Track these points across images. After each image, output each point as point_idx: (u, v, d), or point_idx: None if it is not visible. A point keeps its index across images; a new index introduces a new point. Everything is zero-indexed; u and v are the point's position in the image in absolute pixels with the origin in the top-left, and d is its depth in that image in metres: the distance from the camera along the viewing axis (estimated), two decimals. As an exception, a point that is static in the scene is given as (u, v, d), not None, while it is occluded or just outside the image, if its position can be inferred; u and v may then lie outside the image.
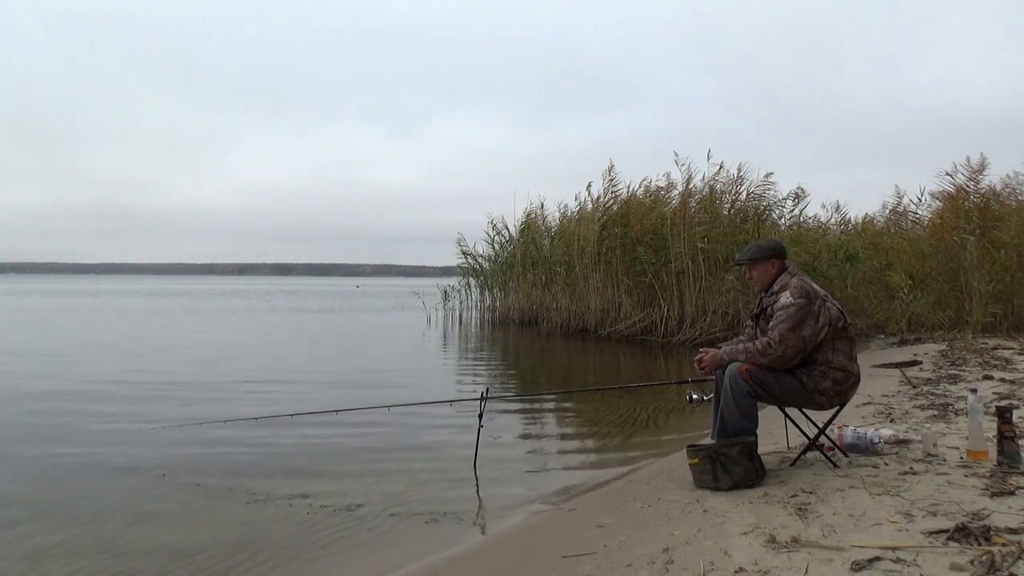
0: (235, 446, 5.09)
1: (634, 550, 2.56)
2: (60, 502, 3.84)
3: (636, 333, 14.33)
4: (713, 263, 14.01)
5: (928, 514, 2.54)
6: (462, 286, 21.17)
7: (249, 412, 5.84)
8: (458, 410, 5.61)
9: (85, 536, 3.33)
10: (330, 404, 6.03)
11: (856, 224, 16.82)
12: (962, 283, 12.67)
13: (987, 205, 13.09)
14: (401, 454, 4.96)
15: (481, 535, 3.45)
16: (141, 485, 4.15)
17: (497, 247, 19.95)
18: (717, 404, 3.41)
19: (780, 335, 3.25)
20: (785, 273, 3.53)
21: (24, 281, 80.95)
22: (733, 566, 2.20)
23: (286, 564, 3.04)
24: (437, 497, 3.94)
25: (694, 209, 14.39)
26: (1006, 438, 3.13)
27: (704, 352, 3.57)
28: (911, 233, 15.23)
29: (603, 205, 16.01)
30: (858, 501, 2.76)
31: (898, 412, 4.86)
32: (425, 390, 7.77)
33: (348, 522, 3.52)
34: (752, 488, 3.11)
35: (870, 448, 3.60)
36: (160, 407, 6.48)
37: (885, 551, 2.18)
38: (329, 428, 5.59)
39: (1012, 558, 2.01)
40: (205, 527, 3.46)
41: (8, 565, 3.00)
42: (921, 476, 3.09)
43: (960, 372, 6.86)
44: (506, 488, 4.18)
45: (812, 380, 3.31)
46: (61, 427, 5.75)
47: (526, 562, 2.87)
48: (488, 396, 4.61)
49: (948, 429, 4.14)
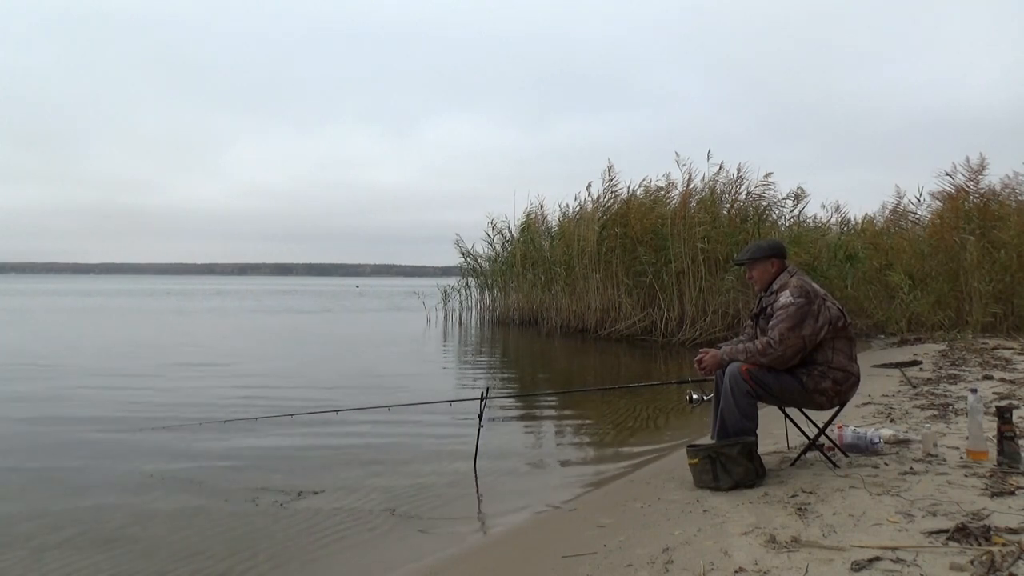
0: (235, 446, 5.09)
1: (634, 550, 2.56)
2: (60, 502, 3.84)
3: (636, 333, 14.33)
4: (713, 263, 14.01)
5: (928, 514, 2.53)
6: (462, 286, 21.18)
7: (249, 412, 5.84)
8: (458, 410, 5.61)
9: (85, 536, 3.33)
10: (330, 404, 6.03)
11: (855, 224, 16.84)
12: (962, 283, 12.68)
13: (987, 205, 13.10)
14: (401, 454, 4.96)
15: (481, 535, 3.45)
16: (141, 485, 4.15)
17: (498, 246, 19.99)
18: (717, 404, 3.41)
19: (780, 335, 3.25)
20: (785, 273, 3.53)
21: (23, 281, 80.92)
22: (733, 566, 2.20)
23: (286, 564, 3.04)
24: (437, 497, 3.95)
25: (694, 209, 14.40)
26: (1006, 438, 3.13)
27: (704, 352, 3.57)
28: (911, 233, 15.23)
29: (603, 205, 16.01)
30: (858, 501, 2.76)
31: (898, 412, 4.86)
32: (425, 390, 7.77)
33: (348, 522, 3.52)
34: (752, 488, 3.11)
35: (870, 448, 3.60)
36: (160, 407, 6.48)
37: (885, 551, 2.18)
38: (329, 428, 5.59)
39: (1012, 558, 2.01)
40: (204, 527, 3.46)
41: (8, 565, 3.00)
42: (921, 476, 3.09)
43: (960, 372, 6.85)
44: (506, 488, 4.19)
45: (812, 380, 3.31)
46: (61, 427, 5.74)
47: (526, 562, 2.87)
48: (488, 396, 4.61)
49: (948, 429, 4.14)
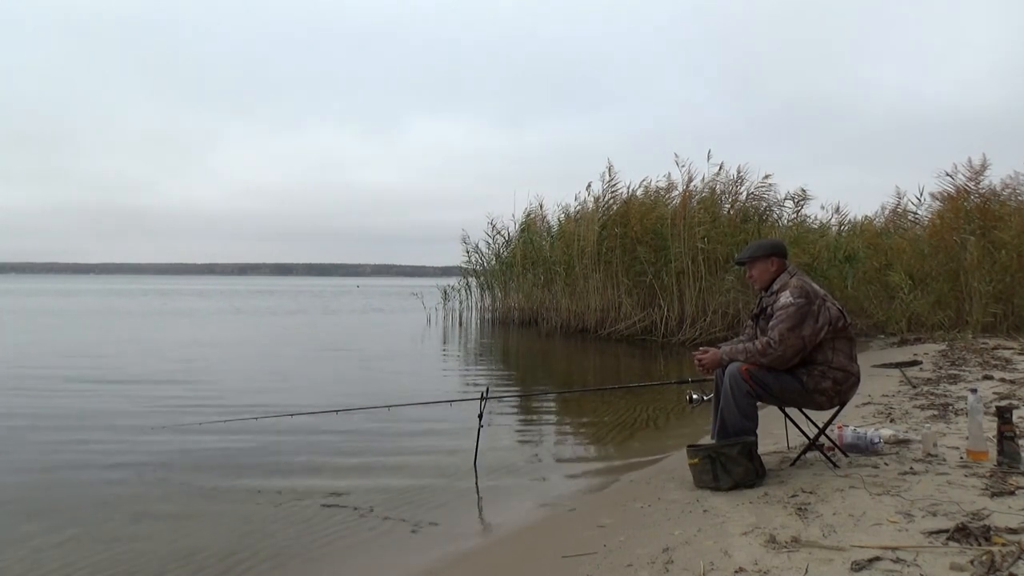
0: (235, 446, 5.09)
1: (634, 550, 2.56)
2: (60, 502, 3.84)
3: (636, 333, 14.33)
4: (713, 263, 14.02)
5: (928, 514, 2.53)
6: (462, 286, 21.18)
7: (249, 412, 5.84)
8: (458, 410, 5.61)
9: (85, 536, 3.33)
10: (330, 404, 6.03)
11: (855, 224, 16.83)
12: (962, 283, 12.68)
13: (987, 205, 13.10)
14: (401, 454, 4.95)
15: (481, 535, 3.45)
16: (141, 485, 4.16)
17: (498, 245, 19.99)
18: (717, 404, 3.41)
19: (780, 335, 3.25)
20: (785, 273, 3.53)
21: (22, 281, 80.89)
22: (733, 566, 2.20)
23: (286, 564, 3.04)
24: (437, 497, 3.94)
25: (694, 209, 14.39)
26: (1006, 438, 3.14)
27: (704, 351, 3.57)
28: (911, 233, 15.23)
29: (603, 205, 16.01)
30: (858, 501, 2.76)
31: (898, 412, 4.86)
32: (425, 390, 7.77)
33: (348, 522, 3.52)
34: (752, 488, 3.12)
35: (870, 448, 3.60)
36: (159, 407, 6.48)
37: (885, 551, 2.18)
38: (329, 428, 5.59)
39: (1012, 558, 2.01)
40: (205, 527, 3.46)
41: (8, 565, 3.00)
42: (921, 476, 3.09)
43: (960, 372, 6.85)
44: (506, 488, 4.18)
45: (812, 380, 3.31)
46: (60, 427, 5.75)
47: (526, 562, 2.87)
48: (488, 396, 4.61)
49: (948, 429, 4.14)
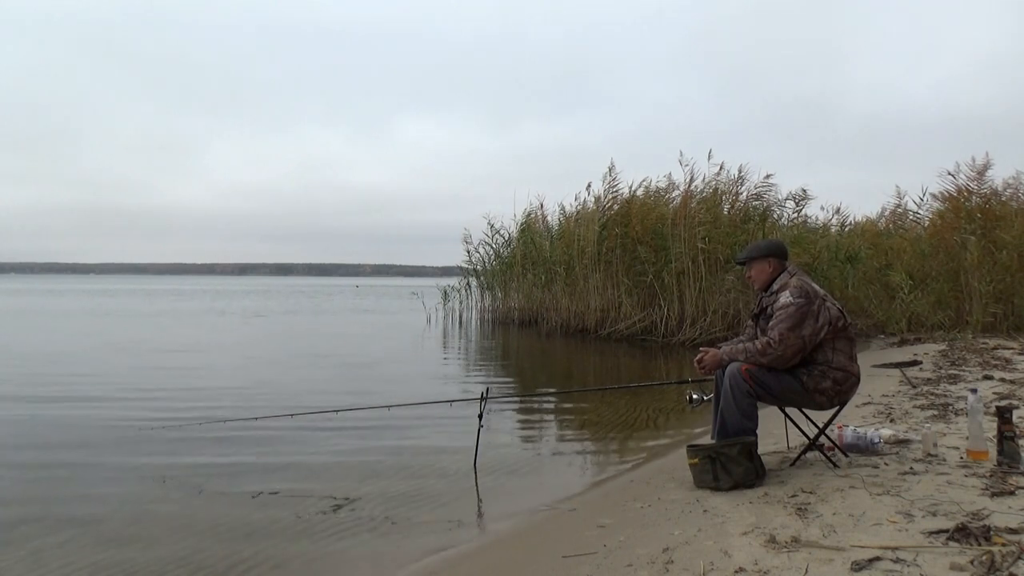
0: (235, 446, 5.09)
1: (634, 550, 2.56)
2: (60, 502, 3.84)
3: (636, 333, 14.32)
4: (713, 263, 14.00)
5: (928, 514, 2.53)
6: (462, 286, 21.18)
7: (249, 412, 5.84)
8: (458, 410, 5.61)
9: (85, 536, 3.33)
10: (330, 404, 6.02)
11: (856, 225, 16.82)
12: (962, 283, 12.68)
13: (988, 205, 13.09)
14: (401, 454, 4.95)
15: (481, 535, 3.45)
16: (141, 485, 4.15)
17: (498, 245, 19.98)
18: (717, 404, 3.41)
19: (780, 335, 3.25)
20: (785, 273, 3.53)
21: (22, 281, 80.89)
22: (733, 566, 2.20)
23: (286, 564, 3.04)
24: (437, 497, 3.95)
25: (694, 209, 14.39)
26: (1006, 438, 3.14)
27: (704, 352, 3.57)
28: (911, 233, 15.22)
29: (603, 205, 16.01)
30: (858, 501, 2.76)
31: (898, 412, 4.86)
32: (425, 390, 7.77)
33: (348, 522, 3.52)
34: (752, 488, 3.12)
35: (870, 448, 3.60)
36: (159, 407, 6.48)
37: (885, 551, 2.18)
38: (329, 428, 5.59)
39: (1012, 558, 2.01)
40: (205, 527, 3.46)
41: (8, 565, 3.00)
42: (921, 476, 3.09)
43: (960, 372, 6.85)
44: (506, 488, 4.19)
45: (812, 380, 3.31)
46: (59, 427, 5.75)
47: (526, 562, 2.87)
48: (488, 396, 4.61)
49: (948, 429, 4.14)
